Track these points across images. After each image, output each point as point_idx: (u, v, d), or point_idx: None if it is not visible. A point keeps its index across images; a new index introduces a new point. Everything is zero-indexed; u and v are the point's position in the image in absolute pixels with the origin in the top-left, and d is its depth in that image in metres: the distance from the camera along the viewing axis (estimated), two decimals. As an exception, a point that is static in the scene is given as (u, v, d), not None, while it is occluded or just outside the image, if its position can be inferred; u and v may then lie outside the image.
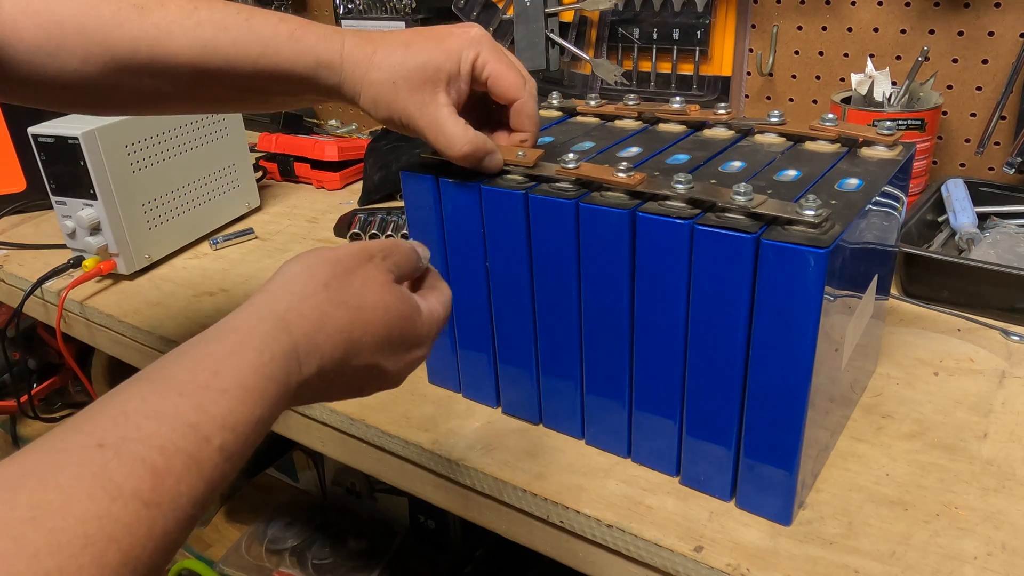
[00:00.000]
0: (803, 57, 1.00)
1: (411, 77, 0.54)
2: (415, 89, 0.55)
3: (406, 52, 0.55)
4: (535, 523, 0.56)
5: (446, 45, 0.55)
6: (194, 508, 0.31)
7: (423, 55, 0.55)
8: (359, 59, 0.55)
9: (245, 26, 0.54)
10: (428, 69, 0.54)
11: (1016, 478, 0.54)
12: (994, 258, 0.75)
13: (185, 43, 0.54)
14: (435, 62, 0.55)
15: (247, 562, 1.16)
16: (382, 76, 0.55)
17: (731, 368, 0.49)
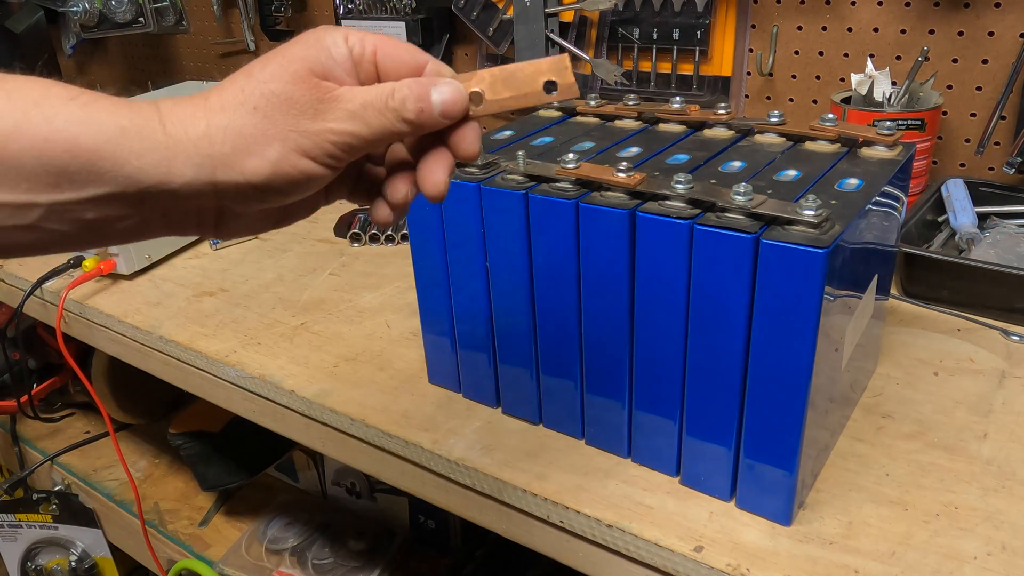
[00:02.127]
0: (803, 57, 1.00)
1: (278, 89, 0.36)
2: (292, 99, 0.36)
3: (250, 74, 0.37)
4: (535, 523, 0.56)
5: (301, 43, 0.38)
6: None
7: (276, 62, 0.37)
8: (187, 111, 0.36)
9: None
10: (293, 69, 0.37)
11: (1016, 478, 0.54)
12: (994, 258, 0.75)
13: None
14: (297, 58, 0.37)
15: (247, 562, 1.16)
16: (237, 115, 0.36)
17: (731, 368, 0.49)
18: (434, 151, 0.41)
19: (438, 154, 0.41)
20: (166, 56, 1.77)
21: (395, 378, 0.69)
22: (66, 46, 1.69)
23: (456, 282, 0.61)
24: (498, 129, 0.67)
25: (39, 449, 1.37)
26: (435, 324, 0.65)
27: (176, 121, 0.36)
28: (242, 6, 1.46)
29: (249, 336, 0.78)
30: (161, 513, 1.26)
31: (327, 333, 0.78)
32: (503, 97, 0.41)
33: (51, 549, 1.31)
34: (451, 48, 1.31)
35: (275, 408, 0.71)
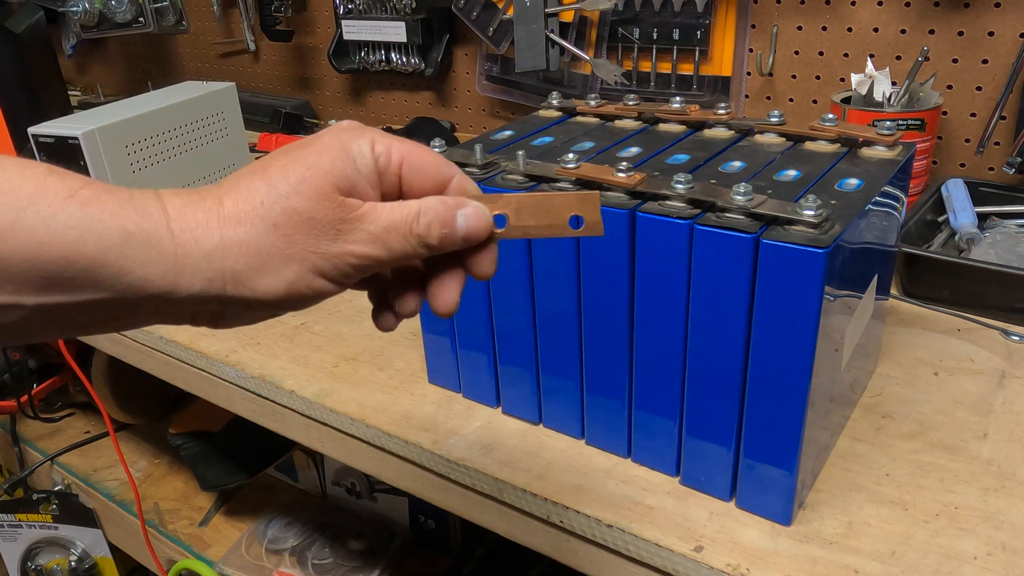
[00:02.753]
0: (803, 57, 1.00)
1: (298, 206, 0.34)
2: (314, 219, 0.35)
3: (269, 180, 0.35)
4: (535, 523, 0.56)
5: (324, 147, 0.36)
6: None
7: (299, 170, 0.35)
8: (198, 218, 0.34)
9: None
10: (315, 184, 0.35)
11: (1016, 478, 0.54)
12: (994, 258, 0.75)
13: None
14: (322, 170, 0.35)
15: (247, 562, 1.16)
16: (251, 230, 0.34)
17: (731, 368, 0.49)
18: (449, 270, 0.39)
19: (453, 273, 0.39)
20: (166, 56, 1.77)
21: (395, 378, 0.69)
22: (66, 46, 1.70)
23: (456, 282, 0.61)
24: (498, 129, 0.67)
25: (39, 449, 1.37)
26: (435, 324, 0.65)
27: (186, 228, 0.33)
28: (242, 6, 1.46)
29: (249, 336, 0.78)
30: (161, 513, 1.26)
31: (327, 333, 0.78)
32: (527, 224, 0.39)
33: (51, 549, 1.31)
34: (451, 48, 1.31)
35: (275, 408, 0.71)
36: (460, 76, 1.33)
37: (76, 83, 1.96)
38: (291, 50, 1.53)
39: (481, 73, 1.27)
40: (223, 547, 1.19)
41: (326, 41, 1.44)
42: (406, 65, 1.33)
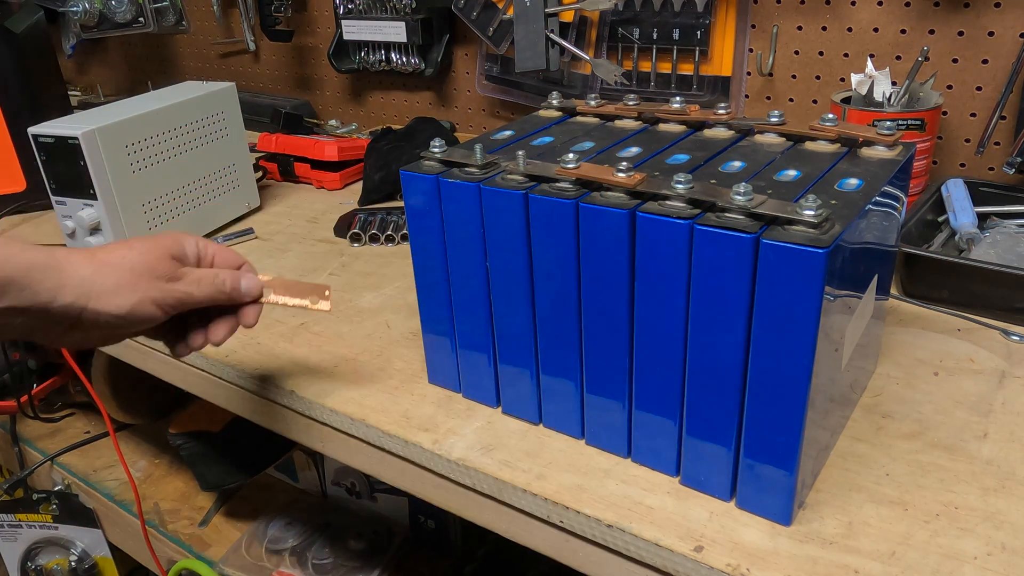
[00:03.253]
0: (803, 57, 1.00)
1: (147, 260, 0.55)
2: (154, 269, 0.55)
3: (128, 245, 0.56)
4: (535, 523, 0.56)
5: (161, 239, 0.58)
6: None
7: (147, 243, 0.56)
8: (80, 257, 0.53)
9: None
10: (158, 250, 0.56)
11: (1016, 478, 0.54)
12: (994, 258, 0.75)
13: None
14: (163, 244, 0.57)
15: (247, 562, 1.16)
16: (115, 270, 0.53)
17: (731, 368, 0.49)
18: (226, 317, 0.61)
19: (227, 320, 0.61)
20: (166, 56, 1.77)
21: (395, 378, 0.69)
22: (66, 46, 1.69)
23: (456, 282, 0.61)
24: (498, 129, 0.67)
25: (39, 449, 1.37)
26: (435, 324, 0.65)
27: (71, 263, 0.52)
28: (242, 6, 1.46)
29: (249, 336, 0.78)
30: (161, 513, 1.26)
31: (327, 333, 0.78)
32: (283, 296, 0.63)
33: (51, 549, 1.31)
34: (451, 48, 1.31)
35: (275, 408, 0.71)
36: (460, 76, 1.33)
37: (76, 83, 1.96)
38: (291, 50, 1.53)
39: (481, 73, 1.27)
40: (223, 547, 1.19)
41: (326, 41, 1.45)
42: (406, 65, 1.33)
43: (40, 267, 0.50)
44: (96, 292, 0.52)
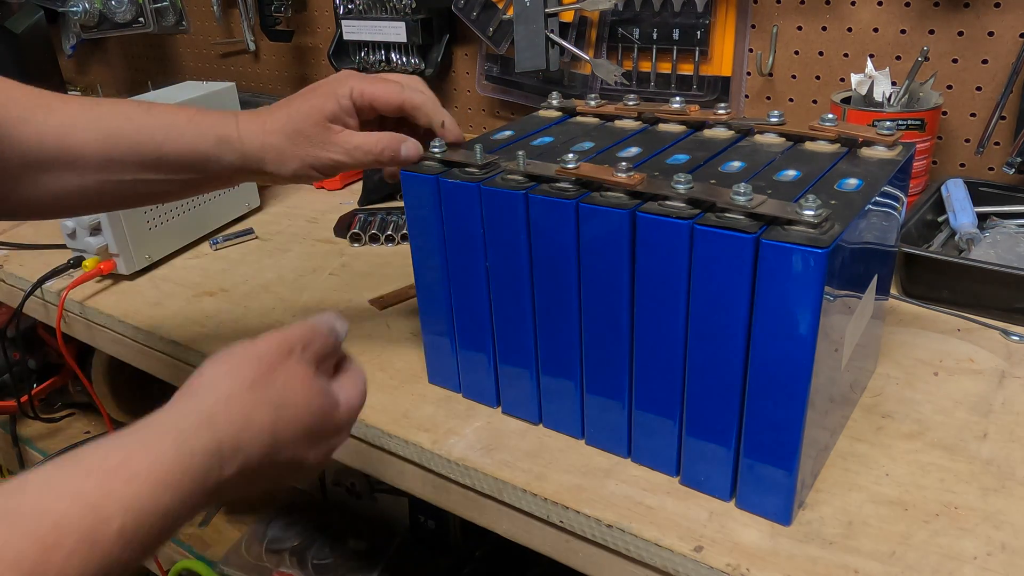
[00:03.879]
0: (803, 57, 1.00)
1: (303, 127, 0.60)
2: (310, 137, 0.60)
3: (289, 109, 0.60)
4: (535, 523, 0.56)
5: (321, 91, 0.61)
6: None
7: (305, 106, 0.60)
8: (253, 130, 0.60)
9: (147, 115, 0.60)
10: (313, 114, 0.60)
11: (1016, 478, 0.54)
12: (994, 258, 0.75)
13: (90, 134, 0.58)
14: (316, 107, 0.60)
15: (247, 562, 1.16)
16: (277, 138, 0.60)
17: (731, 368, 0.49)
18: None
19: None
20: (166, 56, 1.77)
21: (395, 378, 0.69)
22: (66, 46, 1.70)
23: (456, 282, 0.61)
24: (498, 129, 0.67)
25: (39, 449, 1.37)
26: (435, 324, 0.65)
27: (246, 135, 0.60)
28: (242, 6, 1.46)
29: (249, 336, 0.77)
30: (161, 513, 1.26)
31: (327, 333, 0.77)
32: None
33: (51, 549, 1.31)
34: (451, 48, 1.31)
35: (275, 408, 0.71)
36: (460, 76, 1.33)
37: (76, 83, 1.96)
38: (291, 50, 1.53)
39: (481, 73, 1.27)
40: (223, 547, 1.19)
41: (326, 41, 1.44)
42: (406, 65, 1.33)
43: (224, 140, 0.60)
44: (265, 162, 0.60)
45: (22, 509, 0.32)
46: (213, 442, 0.39)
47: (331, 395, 0.48)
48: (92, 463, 0.35)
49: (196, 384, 0.42)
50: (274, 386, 0.43)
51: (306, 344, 0.47)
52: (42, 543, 0.31)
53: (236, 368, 0.43)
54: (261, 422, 0.42)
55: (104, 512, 0.33)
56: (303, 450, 0.45)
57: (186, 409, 0.40)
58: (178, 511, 0.36)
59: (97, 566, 0.32)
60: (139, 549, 0.35)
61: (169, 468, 0.36)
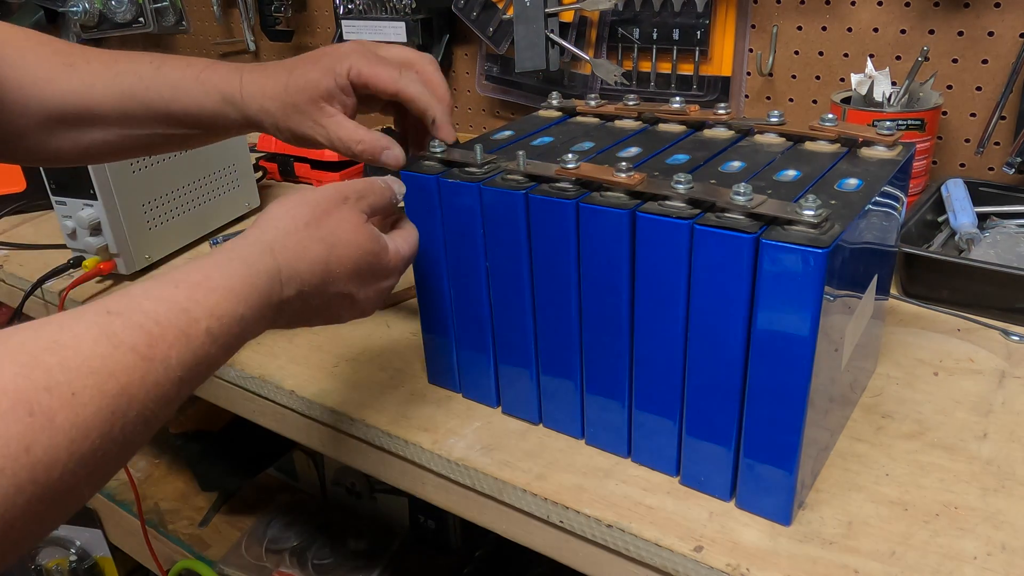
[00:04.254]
0: (803, 57, 1.00)
1: (297, 100, 0.60)
2: (303, 111, 0.60)
3: (289, 78, 0.60)
4: (535, 523, 0.56)
5: (322, 64, 0.60)
6: (183, 371, 0.39)
7: (302, 79, 0.60)
8: (254, 92, 0.61)
9: (156, 73, 0.62)
10: (308, 90, 0.60)
11: (1016, 478, 0.54)
12: (994, 258, 0.75)
13: (107, 93, 0.62)
14: (313, 82, 0.60)
15: (247, 562, 1.16)
16: (274, 104, 0.60)
17: (731, 368, 0.49)
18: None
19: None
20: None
21: (395, 378, 0.69)
22: (66, 46, 1.69)
23: (456, 282, 0.61)
24: (498, 129, 0.67)
25: (39, 449, 1.37)
26: (435, 324, 0.65)
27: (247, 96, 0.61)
28: (242, 6, 1.46)
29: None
30: (161, 513, 1.26)
31: (327, 333, 0.78)
32: None
33: (51, 549, 1.31)
34: (451, 48, 1.31)
35: (275, 408, 0.71)
36: (460, 76, 1.33)
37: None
38: (291, 50, 1.53)
39: (481, 73, 1.27)
40: (223, 547, 1.19)
41: (326, 41, 1.44)
42: (406, 65, 1.33)
43: (227, 98, 0.61)
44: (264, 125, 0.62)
45: (130, 309, 0.38)
46: (274, 267, 0.46)
47: (380, 240, 0.53)
48: (179, 277, 0.42)
49: (261, 220, 0.50)
50: (327, 226, 0.50)
51: (361, 196, 0.53)
52: (149, 334, 0.38)
53: (294, 208, 0.50)
54: (316, 254, 0.49)
55: (193, 314, 0.40)
56: (354, 286, 0.52)
57: (252, 239, 0.47)
58: (250, 319, 0.44)
59: (193, 357, 0.40)
60: (223, 348, 0.42)
61: (240, 284, 0.44)
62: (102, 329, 0.36)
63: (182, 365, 0.39)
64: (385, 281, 0.55)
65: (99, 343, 0.36)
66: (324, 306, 0.51)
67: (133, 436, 0.36)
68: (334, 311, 0.53)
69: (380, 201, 0.55)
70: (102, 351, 0.36)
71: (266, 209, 0.51)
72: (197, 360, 0.40)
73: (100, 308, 0.38)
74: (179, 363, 0.39)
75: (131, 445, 0.37)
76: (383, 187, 0.56)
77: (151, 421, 0.38)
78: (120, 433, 0.35)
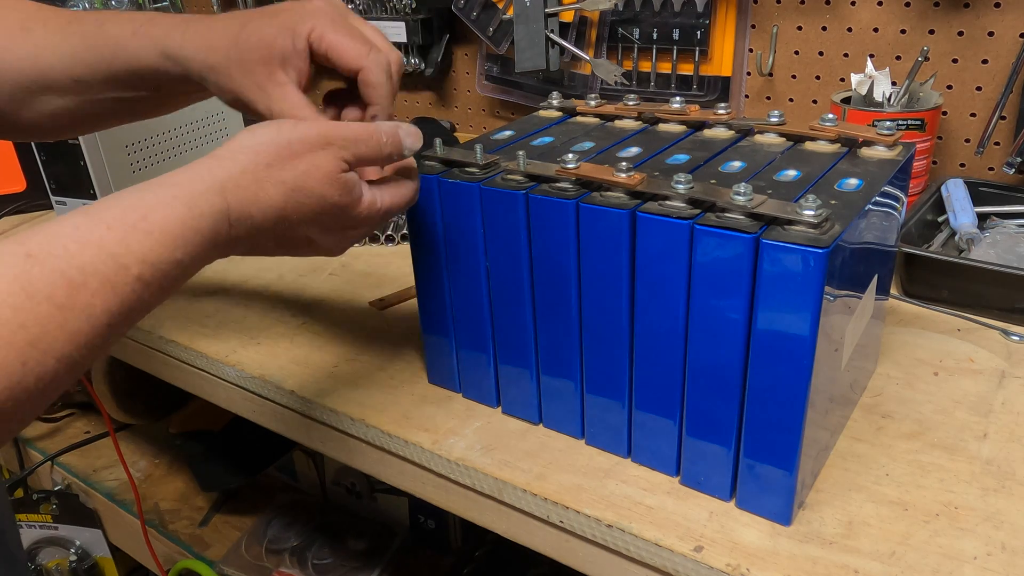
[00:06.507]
0: (803, 57, 1.00)
1: (244, 58, 0.53)
2: (249, 71, 0.53)
3: (240, 32, 0.53)
4: (535, 523, 0.56)
5: (280, 20, 0.53)
6: (109, 318, 0.38)
7: (256, 34, 0.53)
8: (198, 45, 0.54)
9: (99, 31, 0.56)
10: (261, 48, 0.53)
11: (1016, 478, 0.54)
12: (994, 258, 0.75)
13: (56, 57, 0.57)
14: (267, 39, 0.53)
15: (247, 562, 1.16)
16: (218, 59, 0.53)
17: (731, 368, 0.49)
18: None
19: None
20: (166, 56, 1.77)
21: (395, 378, 0.69)
22: (66, 46, 1.69)
23: (456, 282, 0.61)
24: (498, 129, 0.67)
25: (39, 449, 1.37)
26: (435, 324, 0.65)
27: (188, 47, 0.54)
28: (242, 6, 1.46)
29: (249, 336, 0.78)
30: (161, 513, 1.26)
31: (327, 333, 0.78)
32: None
33: (51, 549, 1.31)
34: (451, 48, 1.31)
35: (275, 408, 0.71)
36: (460, 76, 1.33)
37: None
38: (291, 50, 1.53)
39: (481, 73, 1.27)
40: (223, 547, 1.19)
41: (326, 41, 1.44)
42: (406, 65, 1.33)
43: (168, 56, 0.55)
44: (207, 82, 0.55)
45: (54, 251, 0.36)
46: (222, 207, 0.43)
47: (354, 192, 0.49)
48: (114, 217, 0.39)
49: (222, 150, 0.46)
50: (293, 170, 0.46)
51: (348, 144, 0.49)
52: (71, 282, 0.36)
53: (261, 145, 0.46)
54: (271, 198, 0.46)
55: (123, 260, 0.38)
56: (315, 232, 0.49)
57: (203, 174, 0.44)
58: (189, 263, 0.42)
59: (119, 304, 0.38)
60: (156, 292, 0.40)
61: (181, 227, 0.41)
62: (17, 276, 0.35)
63: (108, 312, 0.37)
64: (353, 231, 0.52)
65: (12, 292, 0.34)
66: (278, 245, 0.49)
67: (55, 382, 0.36)
68: (289, 248, 0.51)
69: (370, 153, 0.50)
70: (14, 301, 0.34)
71: (235, 136, 0.47)
72: (126, 306, 0.38)
73: (19, 249, 0.36)
74: (104, 311, 0.37)
75: (52, 389, 0.36)
76: (382, 140, 0.50)
77: (77, 365, 0.37)
78: (36, 382, 0.34)
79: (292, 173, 0.46)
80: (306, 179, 0.47)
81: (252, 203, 0.45)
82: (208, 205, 0.43)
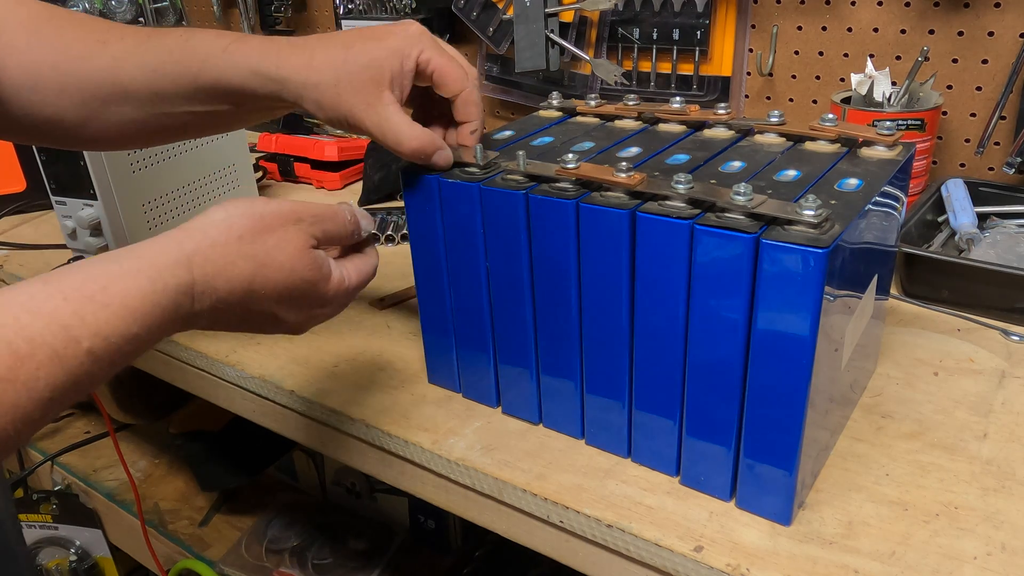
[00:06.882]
0: (803, 57, 1.00)
1: (354, 79, 0.55)
2: (358, 90, 0.55)
3: (347, 54, 0.55)
4: (535, 523, 0.56)
5: (388, 44, 0.56)
6: (52, 392, 0.36)
7: (365, 56, 0.55)
8: (296, 65, 0.56)
9: (185, 46, 0.58)
10: (371, 69, 0.55)
11: (1016, 478, 0.54)
12: (994, 258, 0.75)
13: (138, 70, 0.59)
14: (378, 61, 0.55)
15: (247, 562, 1.16)
16: (323, 79, 0.55)
17: (731, 368, 0.49)
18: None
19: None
20: (166, 56, 1.77)
21: (395, 378, 0.69)
22: (66, 46, 1.69)
23: (456, 282, 0.61)
24: (498, 129, 0.67)
25: (39, 449, 1.37)
26: (435, 324, 0.65)
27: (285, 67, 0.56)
28: (242, 6, 1.46)
29: (249, 336, 0.78)
30: (161, 513, 1.26)
31: (327, 333, 0.78)
32: None
33: (51, 549, 1.31)
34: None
35: (275, 408, 0.71)
36: (460, 76, 1.32)
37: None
38: (291, 50, 1.53)
39: (481, 73, 1.27)
40: (223, 547, 1.19)
41: (326, 41, 1.44)
42: (406, 65, 1.33)
43: (262, 73, 0.56)
44: (304, 99, 0.56)
45: (5, 321, 0.36)
46: (187, 281, 0.43)
47: (323, 268, 0.50)
48: (72, 287, 0.38)
49: (192, 223, 0.46)
50: (264, 244, 0.47)
51: (317, 221, 0.50)
52: (15, 355, 0.35)
53: (232, 218, 0.46)
54: (240, 272, 0.45)
55: (75, 333, 0.37)
56: (282, 310, 0.49)
57: (169, 247, 0.44)
58: (145, 337, 0.41)
59: (65, 378, 0.37)
60: (107, 367, 0.39)
61: (141, 300, 0.40)
62: None
63: (51, 386, 0.36)
64: (320, 309, 0.52)
65: None
66: (242, 320, 0.49)
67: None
68: (253, 325, 0.50)
69: (337, 231, 0.52)
70: None
71: (207, 210, 0.47)
72: (72, 380, 0.37)
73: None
74: (48, 384, 0.36)
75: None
76: (347, 219, 0.52)
77: (10, 440, 0.35)
78: None
79: (263, 247, 0.46)
80: (277, 253, 0.47)
81: (219, 275, 0.45)
82: (173, 279, 0.42)
